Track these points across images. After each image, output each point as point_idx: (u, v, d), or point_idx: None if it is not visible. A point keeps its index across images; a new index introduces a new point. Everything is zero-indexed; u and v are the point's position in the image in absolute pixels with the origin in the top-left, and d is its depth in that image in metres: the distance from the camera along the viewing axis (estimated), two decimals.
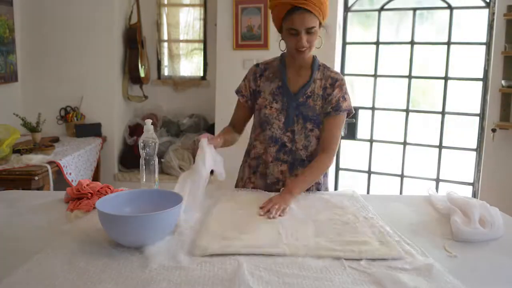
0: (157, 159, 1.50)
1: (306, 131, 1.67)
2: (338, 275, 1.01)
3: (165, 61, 4.31)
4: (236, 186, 1.81)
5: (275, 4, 1.56)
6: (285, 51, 1.68)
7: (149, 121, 1.47)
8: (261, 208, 1.41)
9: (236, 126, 1.80)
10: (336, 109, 1.66)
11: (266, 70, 1.73)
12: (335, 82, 1.68)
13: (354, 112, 1.74)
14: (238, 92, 1.77)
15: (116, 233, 1.13)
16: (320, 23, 1.58)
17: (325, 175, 1.78)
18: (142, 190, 1.35)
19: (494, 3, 3.08)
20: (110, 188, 1.55)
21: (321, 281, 0.98)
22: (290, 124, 1.67)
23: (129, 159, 3.92)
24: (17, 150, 2.82)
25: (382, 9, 3.51)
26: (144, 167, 1.46)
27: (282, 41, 1.66)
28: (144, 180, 1.46)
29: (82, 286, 0.95)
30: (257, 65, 1.76)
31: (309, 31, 1.55)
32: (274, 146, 1.69)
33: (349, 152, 3.80)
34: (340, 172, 3.81)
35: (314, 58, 1.71)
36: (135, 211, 1.25)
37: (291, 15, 1.52)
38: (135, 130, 3.98)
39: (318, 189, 1.75)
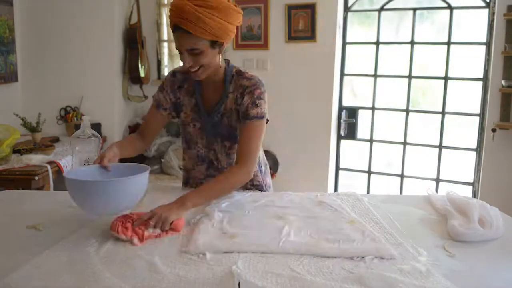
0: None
1: (226, 149, 1.60)
2: (333, 275, 1.01)
3: (165, 61, 4.30)
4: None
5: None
6: None
7: (86, 118, 1.53)
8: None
9: (147, 137, 1.66)
10: (244, 117, 1.50)
11: (185, 81, 1.59)
12: (245, 90, 1.51)
13: (268, 120, 1.54)
14: (158, 106, 1.60)
15: (83, 201, 1.22)
16: (215, 42, 1.40)
17: (264, 172, 1.71)
18: (111, 164, 1.40)
19: (494, 3, 3.08)
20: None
21: (314, 281, 0.98)
22: (210, 144, 1.60)
23: (129, 159, 3.91)
24: (17, 150, 2.82)
25: (382, 9, 3.51)
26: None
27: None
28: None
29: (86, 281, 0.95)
30: (173, 73, 1.61)
31: (192, 52, 1.40)
32: (202, 164, 1.64)
33: (349, 152, 3.80)
34: (340, 172, 3.81)
35: (225, 68, 1.55)
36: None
37: (174, 34, 1.40)
38: (135, 130, 3.97)
39: (260, 189, 1.68)
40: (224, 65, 1.54)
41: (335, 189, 3.79)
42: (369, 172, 3.68)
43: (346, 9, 3.63)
